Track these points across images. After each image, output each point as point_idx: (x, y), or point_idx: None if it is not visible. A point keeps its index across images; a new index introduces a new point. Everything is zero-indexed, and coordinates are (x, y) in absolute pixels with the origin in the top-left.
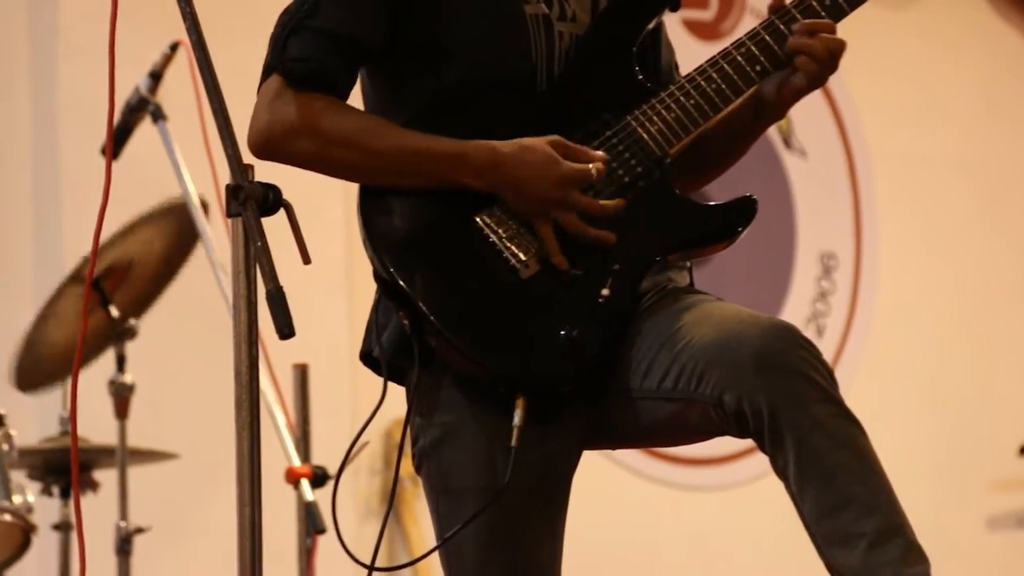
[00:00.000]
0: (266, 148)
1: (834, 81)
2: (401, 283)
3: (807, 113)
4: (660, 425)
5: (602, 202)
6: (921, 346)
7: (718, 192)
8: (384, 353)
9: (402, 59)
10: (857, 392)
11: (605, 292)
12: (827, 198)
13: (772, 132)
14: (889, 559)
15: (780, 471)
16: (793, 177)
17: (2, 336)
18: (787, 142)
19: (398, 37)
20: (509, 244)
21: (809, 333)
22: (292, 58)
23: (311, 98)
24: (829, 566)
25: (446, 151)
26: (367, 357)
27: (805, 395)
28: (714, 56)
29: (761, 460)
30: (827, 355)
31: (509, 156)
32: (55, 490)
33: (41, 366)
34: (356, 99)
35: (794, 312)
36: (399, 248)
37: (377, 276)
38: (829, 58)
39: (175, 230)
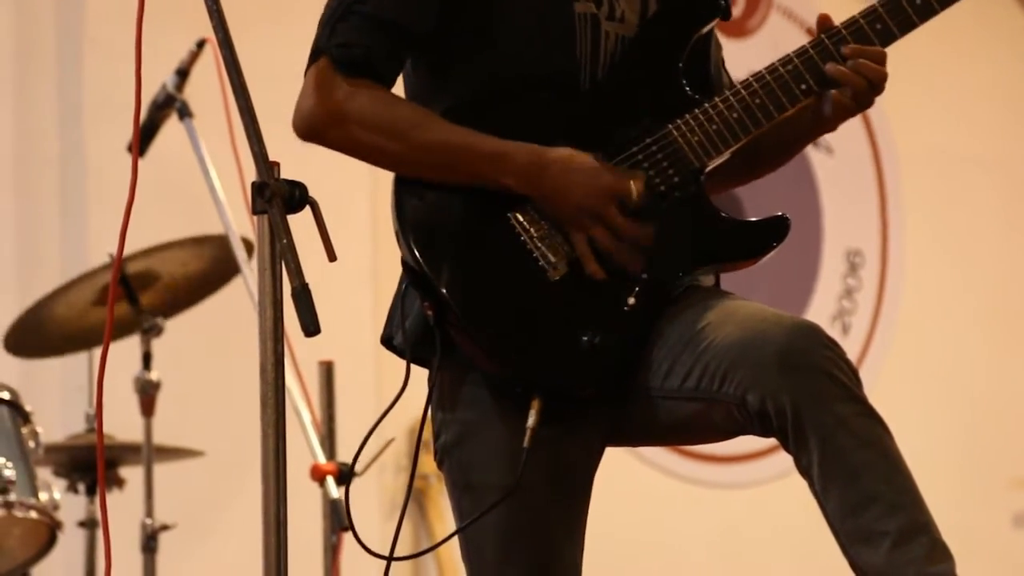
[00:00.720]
0: (310, 132)
1: None
2: (428, 272)
3: None
4: (682, 424)
5: (634, 225)
6: (946, 344)
7: (745, 189)
8: (407, 340)
9: (447, 49)
10: (882, 390)
11: (631, 301)
12: (853, 195)
13: None
14: (913, 557)
15: (804, 470)
16: (820, 174)
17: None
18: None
19: (446, 27)
20: (540, 244)
21: (835, 331)
22: (340, 43)
23: (357, 84)
24: (853, 564)
25: (490, 150)
26: (388, 342)
27: (829, 394)
28: (761, 71)
29: (785, 458)
30: (852, 353)
31: (555, 161)
32: (81, 487)
33: (36, 336)
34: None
35: (820, 309)
36: (429, 237)
37: (404, 263)
38: (870, 90)
39: (213, 257)
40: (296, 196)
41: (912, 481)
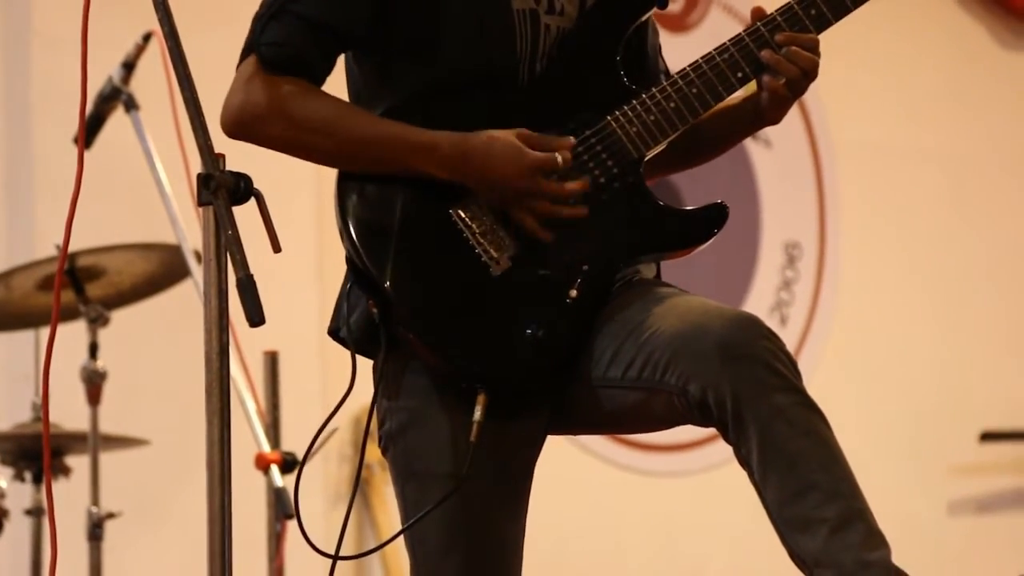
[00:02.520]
0: (238, 129)
1: None
2: (372, 270)
3: None
4: (623, 413)
5: (567, 185)
6: (884, 335)
7: (684, 181)
8: (352, 335)
9: (388, 48)
10: (820, 381)
11: (573, 293)
12: (792, 188)
13: None
14: (850, 544)
15: (743, 459)
16: (758, 167)
17: None
18: None
19: (384, 27)
20: (482, 240)
21: (773, 322)
22: (270, 42)
23: (285, 82)
24: (791, 551)
25: (417, 140)
26: (335, 334)
27: (768, 384)
28: (698, 60)
29: (724, 447)
30: (790, 344)
31: (477, 146)
32: (27, 476)
33: None
34: (340, 84)
35: (758, 300)
36: (373, 236)
37: (349, 261)
38: (803, 77)
39: (161, 261)
40: (241, 188)
41: (849, 470)
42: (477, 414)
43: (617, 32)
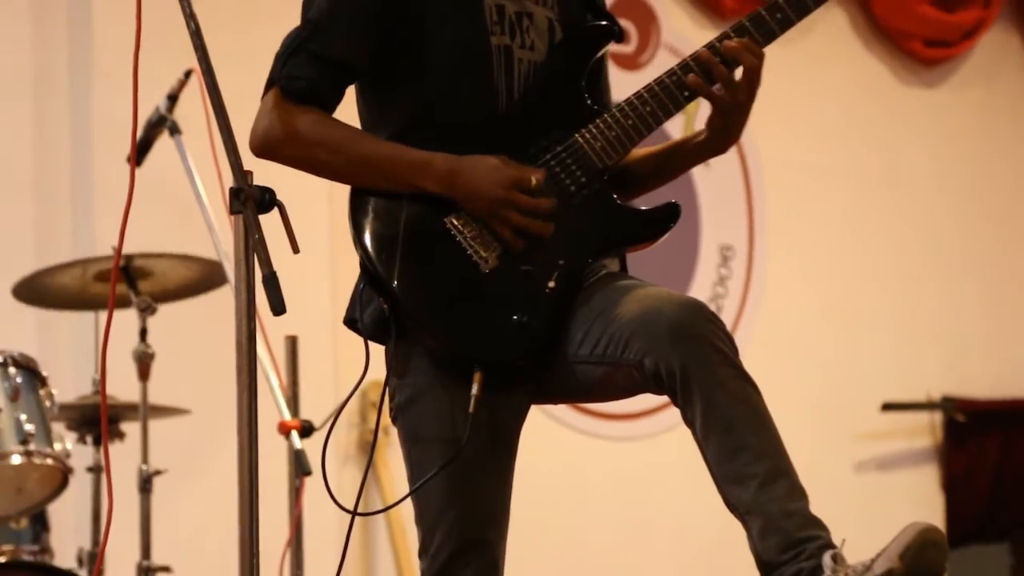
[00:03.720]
0: (263, 150)
1: None
2: (382, 274)
3: None
4: (593, 384)
5: (538, 200)
6: (801, 322)
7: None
8: (366, 327)
9: (386, 82)
10: (749, 360)
11: (551, 284)
12: (726, 200)
13: None
14: (776, 496)
15: (689, 422)
16: (698, 183)
17: (42, 318)
18: None
19: (383, 62)
20: (472, 243)
21: None
22: (288, 76)
23: (302, 111)
24: (727, 501)
25: (414, 159)
26: (350, 323)
27: (711, 360)
28: (651, 82)
29: (672, 414)
30: None
31: (465, 165)
32: (88, 439)
33: (43, 292)
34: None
35: (697, 293)
36: (380, 244)
37: (363, 266)
38: (743, 85)
39: (199, 271)
40: (266, 199)
41: (776, 434)
42: (475, 389)
43: (581, 63)
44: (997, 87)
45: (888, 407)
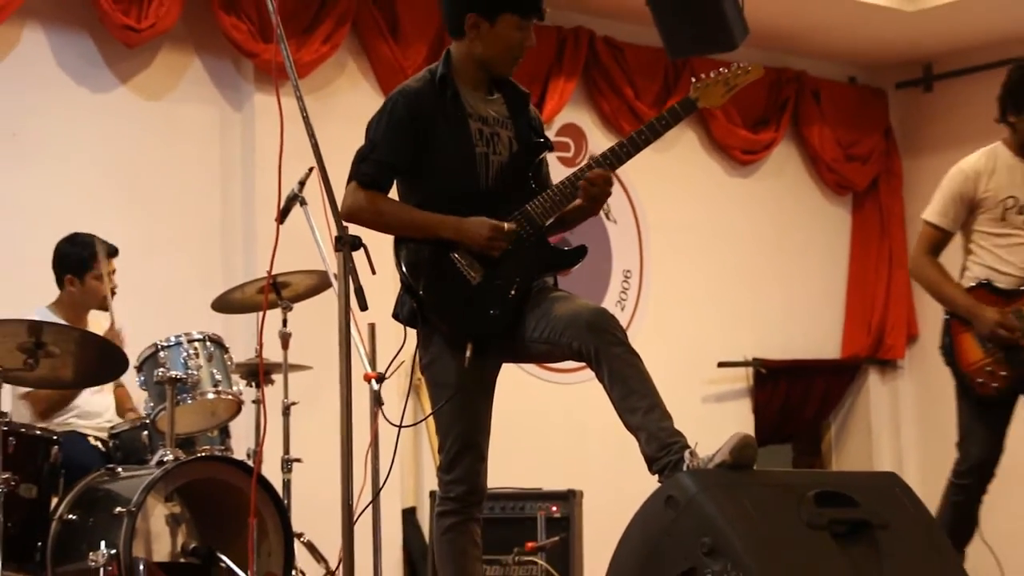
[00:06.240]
0: (348, 217)
1: (628, 180)
2: (413, 285)
3: (617, 200)
4: (541, 354)
5: (508, 236)
6: (671, 317)
7: (574, 237)
8: (404, 318)
9: (415, 174)
10: (636, 342)
11: (512, 292)
12: (626, 242)
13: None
14: (653, 418)
15: (600, 379)
16: (610, 229)
17: (221, 330)
18: (607, 215)
19: (413, 164)
20: (467, 268)
21: (616, 312)
22: (362, 173)
23: (371, 194)
24: (625, 423)
25: (437, 221)
26: (395, 316)
27: (612, 343)
28: (563, 179)
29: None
30: (624, 324)
31: (466, 222)
32: (252, 384)
33: (228, 303)
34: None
35: (609, 302)
36: (413, 268)
37: (402, 281)
38: (598, 196)
39: (317, 280)
40: (356, 242)
41: (652, 383)
42: (468, 353)
43: (529, 163)
44: (785, 177)
45: (721, 364)
